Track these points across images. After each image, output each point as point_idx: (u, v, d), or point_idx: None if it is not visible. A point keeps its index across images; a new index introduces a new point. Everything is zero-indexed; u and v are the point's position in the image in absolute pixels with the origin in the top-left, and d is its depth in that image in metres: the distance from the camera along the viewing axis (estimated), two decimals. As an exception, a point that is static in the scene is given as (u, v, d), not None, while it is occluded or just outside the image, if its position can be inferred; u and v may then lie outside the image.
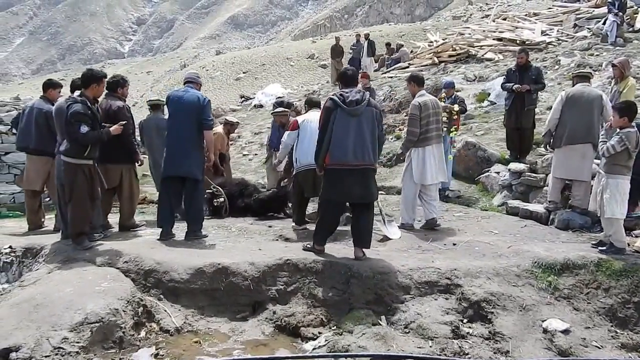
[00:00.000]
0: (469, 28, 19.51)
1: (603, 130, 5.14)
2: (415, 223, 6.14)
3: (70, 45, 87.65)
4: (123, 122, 5.35)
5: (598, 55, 12.45)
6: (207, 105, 5.42)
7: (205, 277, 4.36)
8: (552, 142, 6.25)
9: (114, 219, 6.04)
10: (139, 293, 4.19)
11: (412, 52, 19.45)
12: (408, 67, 16.97)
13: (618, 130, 4.86)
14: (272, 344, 3.90)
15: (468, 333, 3.89)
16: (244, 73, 30.81)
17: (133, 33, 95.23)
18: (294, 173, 6.00)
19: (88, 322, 3.56)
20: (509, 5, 29.49)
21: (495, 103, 11.01)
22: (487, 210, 7.13)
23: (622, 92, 6.59)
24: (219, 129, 7.66)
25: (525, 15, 18.93)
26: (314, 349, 3.74)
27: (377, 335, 3.72)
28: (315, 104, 6.21)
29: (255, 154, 12.73)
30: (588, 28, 15.19)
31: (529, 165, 7.37)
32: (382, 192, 8.14)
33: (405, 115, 9.41)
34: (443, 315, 4.02)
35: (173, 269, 4.42)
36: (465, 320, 4.04)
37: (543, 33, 15.98)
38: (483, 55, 15.55)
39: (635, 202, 5.61)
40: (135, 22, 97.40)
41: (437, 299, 4.20)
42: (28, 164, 6.36)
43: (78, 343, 3.42)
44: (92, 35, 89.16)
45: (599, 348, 3.78)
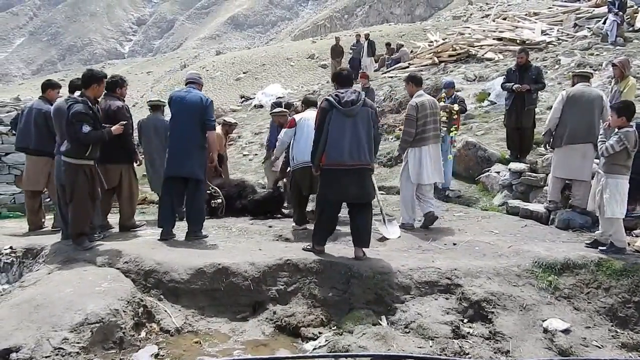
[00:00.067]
0: (469, 28, 19.52)
1: (602, 130, 5.14)
2: (416, 223, 6.14)
3: (71, 46, 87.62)
4: (124, 122, 5.37)
5: (598, 55, 12.45)
6: (209, 106, 5.43)
7: (206, 277, 4.37)
8: (552, 141, 6.25)
9: (114, 220, 6.04)
10: (139, 293, 4.20)
11: (412, 52, 19.45)
12: (408, 67, 16.97)
13: (616, 130, 4.86)
14: (272, 344, 3.90)
15: (468, 333, 3.89)
16: (244, 73, 30.80)
17: (133, 33, 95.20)
18: (291, 171, 6.02)
19: (88, 322, 3.56)
20: (509, 5, 29.43)
21: (496, 103, 11.02)
22: (487, 210, 7.13)
23: (622, 91, 6.58)
24: (217, 129, 7.66)
25: (526, 15, 18.94)
26: (314, 349, 3.75)
27: (377, 335, 3.72)
28: (313, 103, 6.24)
29: (256, 154, 12.73)
30: (588, 28, 15.20)
31: (529, 165, 7.37)
32: (382, 192, 8.14)
33: (405, 115, 9.39)
34: (443, 315, 4.02)
35: (173, 270, 4.42)
36: (466, 320, 4.04)
37: (543, 33, 15.98)
38: (483, 55, 15.56)
39: (636, 201, 5.61)
40: (136, 22, 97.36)
41: (437, 299, 4.20)
42: (28, 165, 6.37)
43: (78, 343, 3.42)
44: (92, 36, 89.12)
45: (600, 348, 3.78)
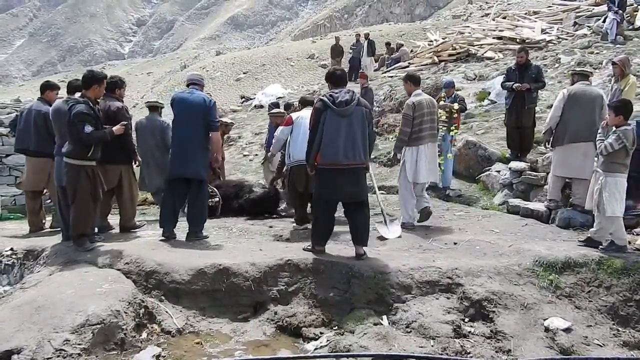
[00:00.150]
0: (469, 27, 19.51)
1: (600, 129, 5.14)
2: (416, 222, 6.13)
3: (71, 47, 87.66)
4: (124, 122, 5.37)
5: (598, 54, 12.43)
6: (213, 107, 5.43)
7: (207, 278, 4.36)
8: (552, 140, 6.24)
9: (115, 220, 6.04)
10: (140, 294, 4.19)
11: (412, 51, 19.45)
12: (408, 66, 16.96)
13: (614, 129, 4.86)
14: (273, 345, 3.90)
15: (470, 332, 3.89)
16: (244, 73, 30.79)
17: (133, 34, 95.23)
18: (288, 168, 6.03)
19: (89, 323, 3.56)
20: (509, 4, 29.41)
21: (496, 102, 11.01)
22: (487, 209, 7.13)
23: (623, 90, 6.56)
24: None
25: (525, 14, 18.93)
26: (316, 349, 3.75)
27: (378, 335, 3.72)
28: (309, 103, 6.28)
29: (256, 155, 12.74)
30: (588, 26, 15.17)
31: (530, 164, 7.36)
32: (382, 191, 8.13)
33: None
34: (444, 315, 4.02)
35: (174, 270, 4.42)
36: (467, 320, 4.04)
37: (543, 31, 15.97)
38: (483, 54, 15.55)
39: (637, 199, 5.60)
40: (135, 23, 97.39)
41: (438, 298, 4.20)
42: (28, 166, 6.37)
43: (80, 345, 3.41)
44: (92, 37, 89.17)
45: (601, 346, 3.78)
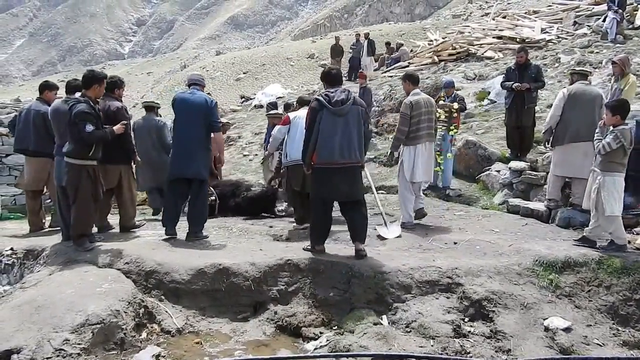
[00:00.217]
0: (469, 26, 19.49)
1: (597, 128, 5.14)
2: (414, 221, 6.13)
3: (71, 47, 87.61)
4: (125, 122, 5.37)
5: (598, 53, 12.43)
6: (214, 107, 5.44)
7: (207, 277, 4.36)
8: (552, 139, 6.23)
9: (115, 220, 6.04)
10: (140, 294, 4.19)
11: (412, 51, 19.43)
12: (408, 66, 16.95)
13: (612, 128, 4.85)
14: (273, 344, 3.90)
15: (469, 332, 3.89)
16: (244, 73, 30.77)
17: (133, 34, 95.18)
18: (285, 166, 6.05)
19: (89, 323, 3.56)
20: (509, 4, 29.38)
21: (496, 101, 11.00)
22: (487, 209, 7.13)
23: (622, 89, 6.56)
24: None
25: (525, 13, 18.92)
26: (316, 349, 3.75)
27: (378, 335, 3.72)
28: (307, 102, 6.27)
29: (256, 155, 12.76)
30: (588, 25, 15.16)
31: (530, 164, 7.36)
32: (382, 191, 8.14)
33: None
34: (444, 314, 4.02)
35: (174, 270, 4.42)
36: (467, 319, 4.03)
37: (543, 31, 15.96)
38: (483, 54, 15.53)
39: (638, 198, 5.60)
40: (135, 23, 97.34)
41: (438, 298, 4.20)
42: (27, 166, 6.37)
43: (79, 345, 3.41)
44: (92, 37, 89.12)
45: (601, 346, 3.78)
